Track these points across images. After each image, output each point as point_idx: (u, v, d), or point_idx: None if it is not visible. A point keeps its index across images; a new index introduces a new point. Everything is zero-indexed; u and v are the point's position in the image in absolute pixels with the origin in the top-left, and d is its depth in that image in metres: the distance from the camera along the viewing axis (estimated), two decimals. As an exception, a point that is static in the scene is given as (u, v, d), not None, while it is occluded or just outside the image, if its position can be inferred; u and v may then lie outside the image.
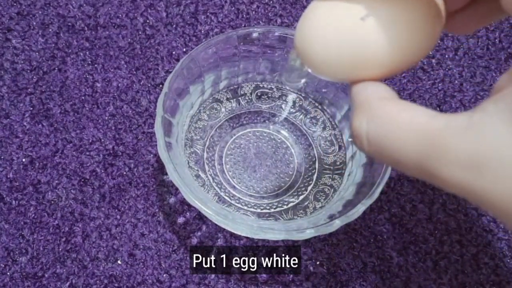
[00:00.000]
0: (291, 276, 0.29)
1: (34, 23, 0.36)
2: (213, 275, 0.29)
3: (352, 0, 0.17)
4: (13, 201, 0.30)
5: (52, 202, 0.30)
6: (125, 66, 0.35)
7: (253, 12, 0.37)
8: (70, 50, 0.35)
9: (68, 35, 0.36)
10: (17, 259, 0.29)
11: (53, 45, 0.35)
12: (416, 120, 0.14)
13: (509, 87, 0.13)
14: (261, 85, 0.34)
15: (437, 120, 0.14)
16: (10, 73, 0.34)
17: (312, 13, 0.18)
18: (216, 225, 0.29)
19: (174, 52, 0.35)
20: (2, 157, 0.31)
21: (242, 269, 0.29)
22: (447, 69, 0.36)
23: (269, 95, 0.33)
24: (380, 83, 0.17)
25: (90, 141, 0.32)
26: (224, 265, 0.29)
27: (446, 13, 0.18)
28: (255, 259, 0.29)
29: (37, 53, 0.35)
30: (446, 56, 0.36)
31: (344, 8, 0.17)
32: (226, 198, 0.30)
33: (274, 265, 0.29)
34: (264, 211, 0.30)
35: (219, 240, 0.30)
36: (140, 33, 0.36)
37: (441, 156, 0.13)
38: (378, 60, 0.17)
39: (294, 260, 0.29)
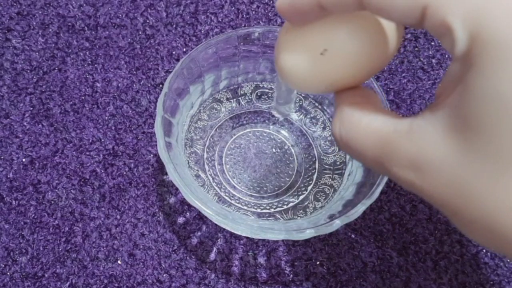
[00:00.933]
0: (291, 276, 0.29)
1: (34, 23, 0.36)
2: (213, 275, 0.29)
3: (312, 32, 0.18)
4: (13, 201, 0.30)
5: (52, 202, 0.30)
6: (125, 66, 0.35)
7: (253, 12, 0.37)
8: (70, 50, 0.35)
9: (68, 35, 0.36)
10: (17, 259, 0.29)
11: (53, 45, 0.35)
12: (372, 125, 0.16)
13: (443, 95, 0.15)
14: (261, 85, 0.34)
15: (388, 125, 0.16)
16: (10, 73, 0.34)
17: (285, 37, 0.20)
18: (216, 225, 0.29)
19: (174, 52, 0.35)
20: (2, 157, 0.31)
21: (242, 269, 0.29)
22: (447, 69, 0.36)
23: (269, 95, 0.33)
24: (355, 89, 0.19)
25: (90, 141, 0.32)
26: (224, 265, 0.29)
27: None
28: (255, 259, 0.29)
29: (37, 53, 0.35)
30: (446, 56, 0.36)
31: (304, 38, 0.19)
32: (226, 198, 0.30)
33: (274, 265, 0.29)
34: (264, 211, 0.30)
35: (219, 240, 0.30)
36: (140, 33, 0.36)
37: (390, 157, 0.15)
38: (347, 78, 0.19)
39: (294, 260, 0.29)
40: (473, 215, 0.13)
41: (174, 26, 0.36)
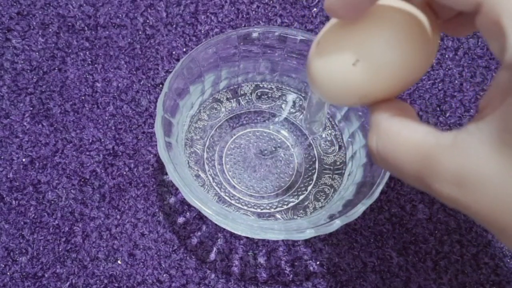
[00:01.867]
0: (291, 276, 0.29)
1: (34, 23, 0.36)
2: (213, 275, 0.29)
3: (346, 40, 0.18)
4: (13, 201, 0.30)
5: (52, 202, 0.30)
6: (125, 66, 0.35)
7: (253, 12, 0.37)
8: (70, 50, 0.35)
9: (68, 35, 0.36)
10: (17, 259, 0.29)
11: (53, 45, 0.35)
12: (413, 138, 0.16)
13: (489, 107, 0.14)
14: (261, 85, 0.34)
15: (430, 137, 0.15)
16: (10, 73, 0.34)
17: (318, 44, 0.19)
18: (216, 225, 0.29)
19: (174, 52, 0.35)
20: (2, 157, 0.31)
21: (242, 269, 0.29)
22: (447, 69, 0.36)
23: (269, 95, 0.33)
24: (393, 102, 0.18)
25: (90, 141, 0.32)
26: (224, 265, 0.29)
27: (440, 22, 0.19)
28: (255, 259, 0.29)
29: (37, 53, 0.35)
30: (446, 56, 0.36)
31: (337, 48, 0.18)
32: (226, 198, 0.30)
33: (274, 265, 0.29)
34: (264, 211, 0.30)
35: (219, 240, 0.30)
36: (140, 33, 0.36)
37: (432, 172, 0.15)
38: (382, 90, 0.18)
39: (294, 260, 0.29)
40: None
41: (174, 26, 0.36)
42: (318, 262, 0.29)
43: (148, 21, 0.36)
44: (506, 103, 0.13)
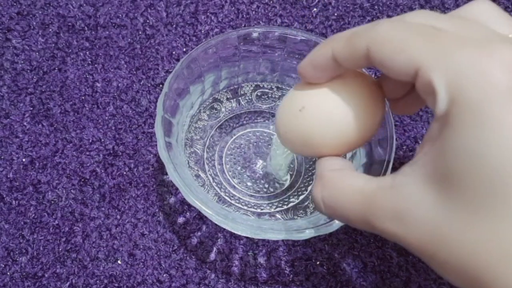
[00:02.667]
0: (291, 276, 0.29)
1: (34, 23, 0.36)
2: (213, 275, 0.29)
3: (298, 91, 0.21)
4: (13, 201, 0.30)
5: (52, 202, 0.30)
6: (125, 66, 0.35)
7: (253, 12, 0.37)
8: (70, 50, 0.35)
9: (68, 35, 0.36)
10: (17, 259, 0.29)
11: (53, 45, 0.35)
12: (355, 185, 0.18)
13: (421, 153, 0.16)
14: (261, 85, 0.34)
15: (371, 183, 0.17)
16: (10, 73, 0.34)
17: (283, 100, 0.22)
18: (216, 225, 0.29)
19: (174, 52, 0.35)
20: (2, 157, 0.31)
21: (242, 269, 0.29)
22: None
23: (269, 95, 0.33)
24: (336, 158, 0.21)
25: (90, 141, 0.32)
26: (224, 265, 0.29)
27: (388, 99, 0.22)
28: (255, 259, 0.29)
29: (37, 53, 0.35)
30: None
31: (292, 98, 0.21)
32: (226, 198, 0.30)
33: (274, 265, 0.29)
34: (264, 211, 0.30)
35: (219, 240, 0.30)
36: (140, 33, 0.36)
37: (374, 211, 0.17)
38: (326, 140, 0.20)
39: (294, 260, 0.29)
40: (447, 256, 0.15)
41: (174, 26, 0.36)
42: (318, 262, 0.29)
43: (148, 21, 0.36)
44: (435, 147, 0.15)
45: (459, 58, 0.14)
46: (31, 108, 0.33)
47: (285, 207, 0.30)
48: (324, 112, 0.20)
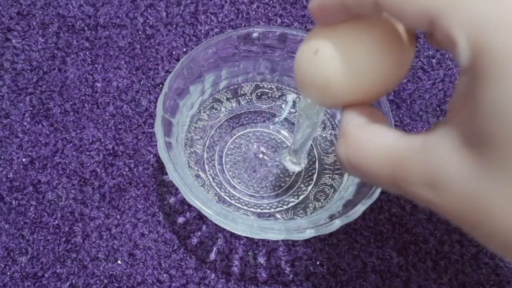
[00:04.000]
0: (291, 276, 0.29)
1: (34, 23, 0.36)
2: (213, 275, 0.29)
3: (313, 35, 0.19)
4: (13, 201, 0.30)
5: (52, 202, 0.30)
6: (125, 66, 0.35)
7: (253, 12, 0.37)
8: (70, 50, 0.35)
9: (68, 35, 0.36)
10: (17, 259, 0.29)
11: (53, 45, 0.35)
12: (383, 143, 0.16)
13: (454, 111, 0.15)
14: (261, 85, 0.34)
15: (400, 142, 0.16)
16: (10, 73, 0.34)
17: (300, 46, 0.21)
18: (216, 225, 0.29)
19: (174, 52, 0.35)
20: (2, 157, 0.31)
21: (242, 269, 0.29)
22: (447, 69, 0.36)
23: (269, 95, 0.33)
24: (361, 108, 0.19)
25: (90, 141, 0.32)
26: (224, 265, 0.29)
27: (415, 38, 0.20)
28: (255, 259, 0.29)
29: (37, 53, 0.35)
30: (446, 56, 0.36)
31: (307, 42, 0.20)
32: (226, 198, 0.30)
33: (274, 265, 0.29)
34: (264, 211, 0.30)
35: (219, 240, 0.30)
36: (140, 33, 0.36)
37: (405, 176, 0.15)
38: (346, 87, 0.18)
39: (294, 260, 0.29)
40: (493, 228, 0.13)
41: (174, 26, 0.36)
42: (318, 262, 0.29)
43: (148, 21, 0.36)
44: (467, 106, 0.13)
45: (478, 1, 0.13)
46: (31, 108, 0.33)
47: (285, 207, 0.30)
48: (341, 53, 0.18)
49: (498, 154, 0.13)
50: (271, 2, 0.38)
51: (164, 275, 0.29)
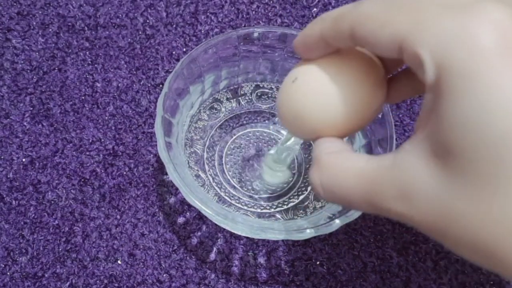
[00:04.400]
0: (291, 276, 0.29)
1: (34, 23, 0.36)
2: (213, 275, 0.29)
3: (295, 67, 0.20)
4: (13, 201, 0.30)
5: (52, 202, 0.30)
6: (125, 66, 0.35)
7: (253, 12, 0.37)
8: (70, 50, 0.35)
9: (68, 35, 0.36)
10: (17, 259, 0.29)
11: (53, 45, 0.35)
12: (355, 167, 0.17)
13: (420, 127, 0.15)
14: (261, 85, 0.34)
15: (371, 163, 0.17)
16: (10, 73, 0.34)
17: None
18: (216, 225, 0.29)
19: (174, 52, 0.35)
20: (2, 157, 0.31)
21: (242, 269, 0.29)
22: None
23: (269, 95, 0.33)
24: (333, 139, 0.20)
25: (90, 141, 0.32)
26: (224, 265, 0.29)
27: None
28: (255, 259, 0.29)
29: (37, 53, 0.35)
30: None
31: (290, 72, 0.20)
32: (226, 198, 0.30)
33: (274, 265, 0.29)
34: (264, 211, 0.30)
35: (219, 240, 0.30)
36: (140, 33, 0.36)
37: (378, 192, 0.16)
38: (320, 117, 0.19)
39: (294, 260, 0.29)
40: (459, 235, 0.14)
41: (174, 26, 0.36)
42: (318, 262, 0.29)
43: (148, 21, 0.36)
44: (432, 120, 0.14)
45: (443, 23, 0.14)
46: (31, 108, 0.33)
47: (285, 207, 0.30)
48: (317, 84, 0.19)
49: (460, 162, 0.13)
50: (271, 2, 0.38)
51: (164, 275, 0.29)
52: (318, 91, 0.19)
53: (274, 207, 0.30)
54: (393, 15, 0.15)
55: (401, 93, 0.21)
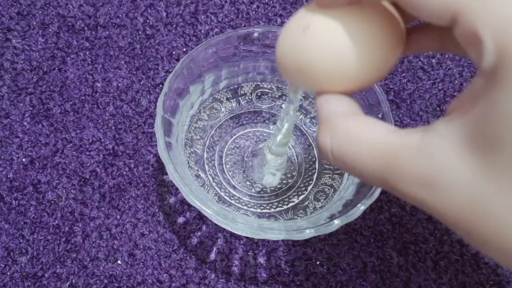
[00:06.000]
0: (291, 276, 0.29)
1: (34, 23, 0.36)
2: (213, 275, 0.29)
3: (303, 12, 0.18)
4: (13, 201, 0.30)
5: (52, 202, 0.30)
6: (125, 66, 0.35)
7: (253, 12, 0.37)
8: (70, 50, 0.35)
9: (68, 35, 0.36)
10: (17, 259, 0.29)
11: (53, 45, 0.35)
12: (374, 136, 0.15)
13: (459, 111, 0.14)
14: (261, 85, 0.34)
15: (394, 137, 0.15)
16: (10, 73, 0.34)
17: (287, 22, 0.19)
18: (216, 225, 0.29)
19: (174, 52, 0.35)
20: (2, 157, 0.31)
21: (242, 269, 0.29)
22: (447, 69, 0.36)
23: (269, 95, 0.33)
24: (344, 97, 0.17)
25: (90, 141, 0.32)
26: (224, 265, 0.29)
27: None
28: (255, 259, 0.29)
29: (37, 53, 0.35)
30: (446, 56, 0.36)
31: (298, 16, 0.18)
32: (226, 198, 0.30)
33: (274, 265, 0.29)
34: (264, 211, 0.30)
35: (219, 240, 0.30)
36: (140, 33, 0.36)
37: (397, 173, 0.14)
38: (327, 68, 0.17)
39: (294, 260, 0.29)
40: (491, 235, 0.13)
41: (174, 26, 0.36)
42: (318, 262, 0.29)
43: (148, 21, 0.36)
44: (478, 107, 0.13)
45: (507, 3, 0.12)
46: (31, 108, 0.33)
47: (285, 207, 0.30)
48: (333, 36, 0.17)
49: (506, 160, 0.12)
50: (271, 2, 0.38)
51: (164, 275, 0.29)
52: (335, 43, 0.17)
53: (274, 207, 0.30)
54: None
55: (421, 45, 0.19)
